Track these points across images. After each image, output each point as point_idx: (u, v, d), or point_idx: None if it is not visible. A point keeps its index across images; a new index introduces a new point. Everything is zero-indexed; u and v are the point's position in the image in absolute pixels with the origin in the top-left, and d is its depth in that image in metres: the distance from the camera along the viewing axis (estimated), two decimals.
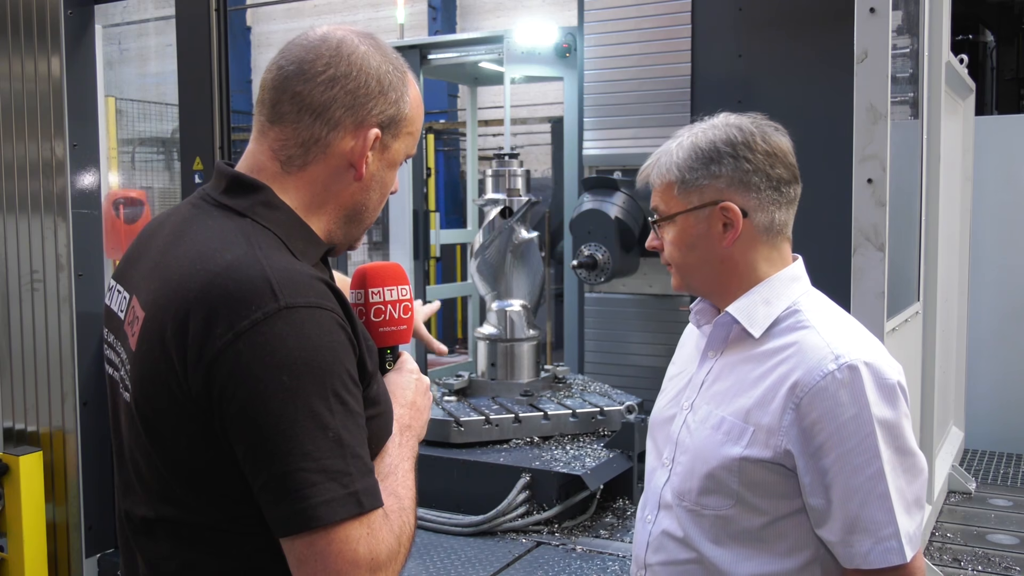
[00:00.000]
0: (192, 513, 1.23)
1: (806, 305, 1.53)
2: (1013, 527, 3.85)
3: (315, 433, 1.12)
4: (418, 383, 1.43)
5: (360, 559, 1.13)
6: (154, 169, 8.72)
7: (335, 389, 1.15)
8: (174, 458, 1.21)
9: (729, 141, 1.53)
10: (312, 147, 1.29)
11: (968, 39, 8.64)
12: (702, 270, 1.58)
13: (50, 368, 3.55)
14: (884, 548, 1.38)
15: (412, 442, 1.36)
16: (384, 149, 1.34)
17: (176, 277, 1.20)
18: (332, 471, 1.12)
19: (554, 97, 10.14)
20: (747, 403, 1.48)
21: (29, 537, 3.45)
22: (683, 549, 1.54)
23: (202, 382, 1.14)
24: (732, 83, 4.27)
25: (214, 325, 1.13)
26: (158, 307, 1.21)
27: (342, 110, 1.28)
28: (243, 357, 1.12)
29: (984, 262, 5.38)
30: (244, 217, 1.26)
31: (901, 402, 1.43)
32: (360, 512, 1.13)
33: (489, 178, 4.43)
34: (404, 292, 1.44)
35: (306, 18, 14.53)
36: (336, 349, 1.17)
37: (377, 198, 1.37)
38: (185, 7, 3.46)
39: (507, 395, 4.21)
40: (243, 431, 1.13)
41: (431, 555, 3.27)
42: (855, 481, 1.39)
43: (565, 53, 5.04)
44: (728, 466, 1.47)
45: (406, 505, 1.26)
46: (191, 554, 1.25)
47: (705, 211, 1.54)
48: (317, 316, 1.16)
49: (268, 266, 1.17)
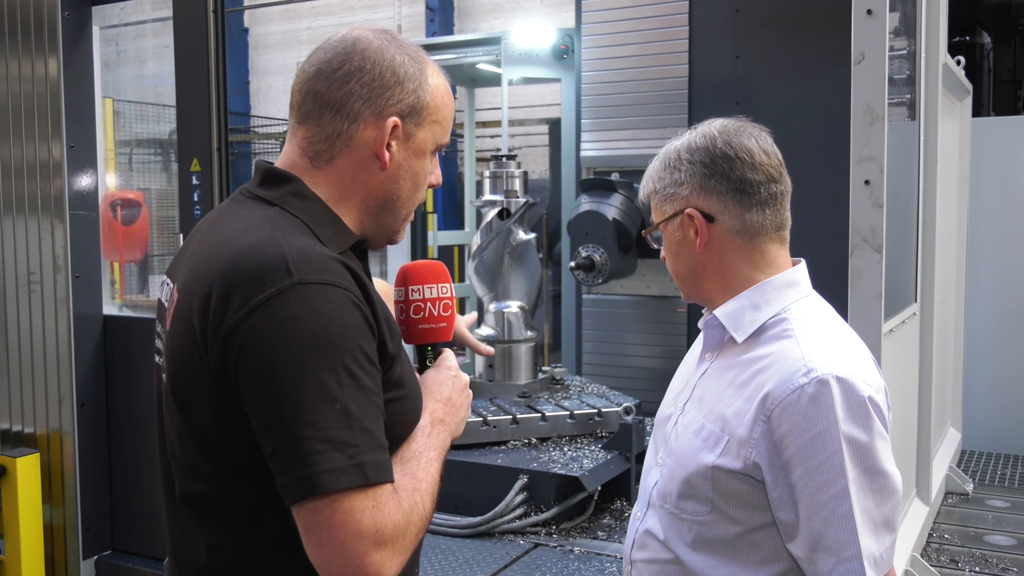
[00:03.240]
0: (218, 488, 1.26)
1: (796, 313, 1.51)
2: (1010, 528, 3.86)
3: (322, 404, 1.15)
4: (455, 380, 1.45)
5: (364, 531, 1.14)
6: (151, 170, 8.72)
7: (345, 363, 1.18)
8: (200, 432, 1.25)
9: (690, 148, 1.54)
10: (336, 141, 1.34)
11: (965, 41, 8.63)
12: (689, 276, 1.60)
13: (47, 370, 3.55)
14: (846, 569, 1.36)
15: (443, 436, 1.37)
16: (408, 138, 1.37)
17: (205, 259, 1.27)
18: (337, 441, 1.15)
19: (552, 98, 10.15)
20: (726, 411, 1.47)
21: (26, 539, 3.45)
22: (663, 549, 1.54)
23: (219, 354, 1.19)
24: (729, 84, 4.27)
25: (232, 300, 1.19)
26: (188, 287, 1.28)
27: (360, 103, 1.33)
28: (257, 329, 1.16)
29: (981, 263, 5.39)
30: (274, 206, 1.32)
31: (874, 419, 1.39)
32: (365, 484, 1.15)
33: (487, 179, 4.43)
34: (444, 290, 1.46)
35: (303, 19, 14.53)
36: (348, 325, 1.20)
37: (409, 187, 1.39)
38: (182, 9, 3.46)
39: (505, 396, 4.21)
40: (254, 401, 1.18)
41: (429, 556, 3.27)
42: (819, 499, 1.36)
43: (563, 54, 5.05)
44: (703, 473, 1.46)
45: (422, 488, 1.26)
46: (216, 531, 1.28)
47: (677, 219, 1.55)
48: (330, 293, 1.20)
49: (287, 246, 1.22)
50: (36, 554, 3.49)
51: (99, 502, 3.61)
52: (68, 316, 3.49)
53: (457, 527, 3.47)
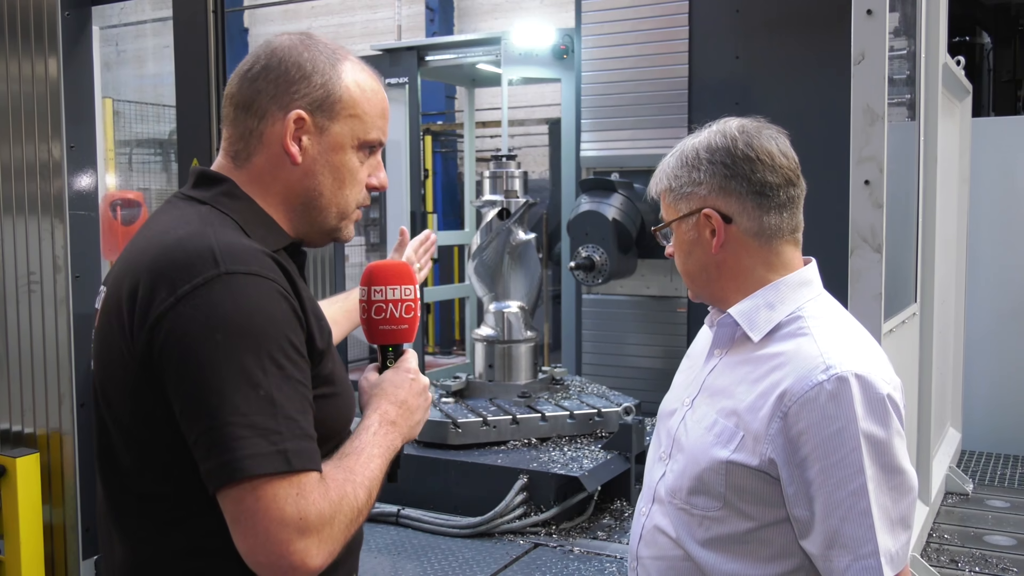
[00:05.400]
0: (148, 487, 1.26)
1: (810, 311, 1.51)
2: (1010, 528, 3.86)
3: (246, 390, 1.15)
4: (413, 383, 1.43)
5: (287, 518, 1.14)
6: (151, 171, 8.72)
7: (270, 352, 1.18)
8: (125, 426, 1.25)
9: (709, 147, 1.53)
10: (250, 139, 1.37)
11: (965, 41, 8.63)
12: (701, 276, 1.59)
13: (47, 370, 3.55)
14: (863, 566, 1.36)
15: (391, 437, 1.35)
16: (321, 132, 1.37)
17: (135, 253, 1.29)
18: (260, 427, 1.15)
19: (552, 99, 10.14)
20: (739, 406, 1.47)
21: (26, 539, 3.45)
22: (672, 545, 1.54)
23: (145, 343, 1.20)
24: (729, 85, 4.27)
25: (159, 290, 1.20)
26: (115, 281, 1.29)
27: (267, 99, 1.35)
28: (182, 318, 1.17)
29: (981, 263, 5.39)
30: (205, 204, 1.33)
31: (892, 417, 1.39)
32: (288, 470, 1.15)
33: (487, 179, 4.43)
34: (408, 292, 1.45)
35: (303, 19, 14.51)
36: (274, 316, 1.21)
37: (331, 183, 1.39)
38: (182, 9, 3.46)
39: (505, 397, 4.21)
40: (178, 389, 1.18)
41: (429, 556, 3.27)
42: (837, 495, 1.36)
43: (563, 55, 5.05)
44: (716, 469, 1.46)
45: (356, 480, 1.25)
46: (150, 534, 1.27)
47: (693, 218, 1.54)
48: (257, 283, 1.21)
49: (215, 240, 1.23)
50: (36, 554, 3.49)
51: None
52: (68, 316, 3.49)
53: (457, 527, 3.47)
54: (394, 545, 3.40)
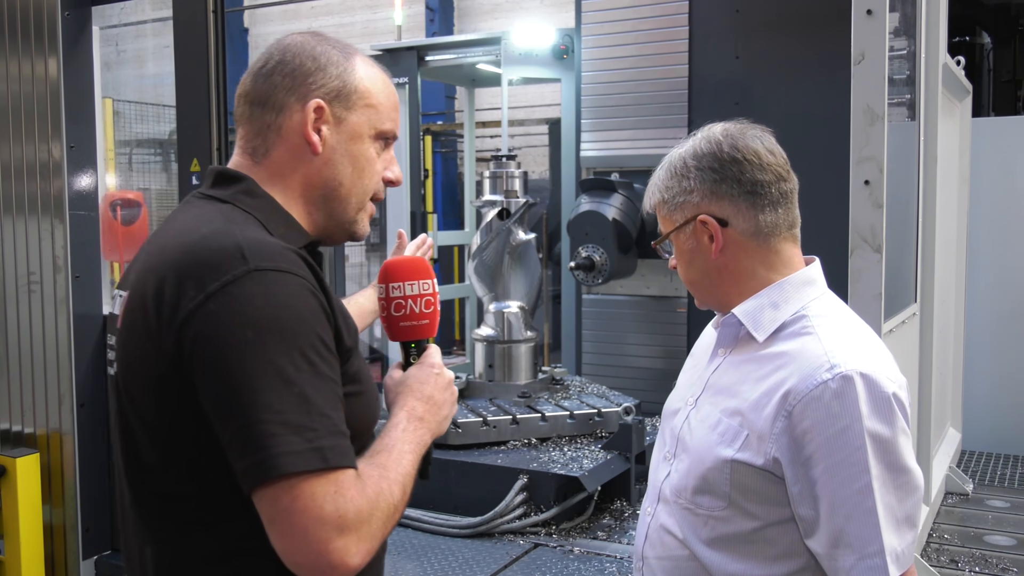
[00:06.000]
0: (172, 487, 1.24)
1: (815, 310, 1.52)
2: (1010, 528, 3.85)
3: (279, 387, 1.14)
4: (438, 378, 1.43)
5: (325, 516, 1.12)
6: (151, 171, 8.73)
7: (302, 349, 1.17)
8: (150, 423, 1.24)
9: (696, 154, 1.54)
10: (268, 133, 1.37)
11: (965, 41, 8.64)
12: (704, 283, 1.60)
13: (47, 370, 3.55)
14: (868, 565, 1.36)
15: (420, 433, 1.35)
16: (340, 121, 1.38)
17: (157, 253, 1.27)
18: (295, 425, 1.13)
19: (552, 99, 10.15)
20: (743, 405, 1.47)
21: (26, 539, 3.45)
22: (678, 545, 1.54)
23: (175, 343, 1.18)
24: (730, 85, 4.27)
25: (187, 288, 1.18)
26: (139, 281, 1.27)
27: (283, 92, 1.37)
28: (212, 316, 1.16)
29: (981, 263, 5.39)
30: (226, 203, 1.33)
31: (897, 416, 1.39)
32: (324, 467, 1.13)
33: (487, 180, 4.43)
34: (427, 287, 1.45)
35: (303, 19, 14.51)
36: (304, 312, 1.20)
37: (351, 172, 1.40)
38: (182, 9, 3.46)
39: (505, 397, 4.21)
40: (210, 388, 1.16)
41: (428, 556, 3.27)
42: (842, 494, 1.36)
43: (563, 55, 5.05)
44: (720, 468, 1.46)
45: (390, 476, 1.23)
46: (170, 535, 1.26)
47: (689, 227, 1.55)
48: (286, 280, 1.20)
49: (241, 237, 1.23)
50: (36, 554, 3.49)
51: (99, 502, 3.61)
52: (68, 316, 3.49)
53: (457, 527, 3.47)
54: (394, 545, 3.39)
